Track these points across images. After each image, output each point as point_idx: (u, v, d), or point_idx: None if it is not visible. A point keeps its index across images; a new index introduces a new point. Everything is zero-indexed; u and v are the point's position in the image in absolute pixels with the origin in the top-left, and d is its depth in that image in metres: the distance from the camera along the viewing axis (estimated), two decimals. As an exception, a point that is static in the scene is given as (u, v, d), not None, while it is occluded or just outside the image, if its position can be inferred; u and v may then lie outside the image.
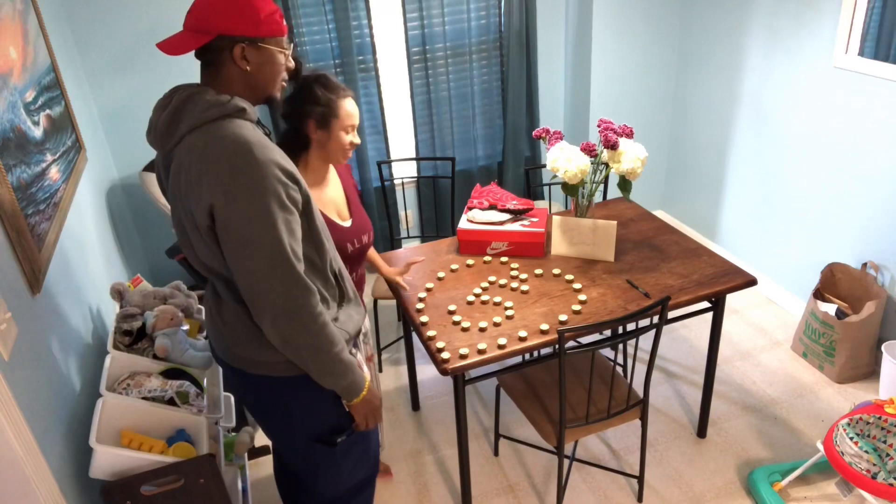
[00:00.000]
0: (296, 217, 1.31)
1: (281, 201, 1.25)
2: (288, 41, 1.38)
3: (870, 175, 2.67)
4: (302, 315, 1.32)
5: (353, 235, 1.90)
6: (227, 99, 1.30)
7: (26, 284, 1.61)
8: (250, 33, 1.29)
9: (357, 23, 3.34)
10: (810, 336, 2.83)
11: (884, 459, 1.93)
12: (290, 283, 1.29)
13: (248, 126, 1.29)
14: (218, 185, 1.21)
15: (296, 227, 1.31)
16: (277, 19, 1.33)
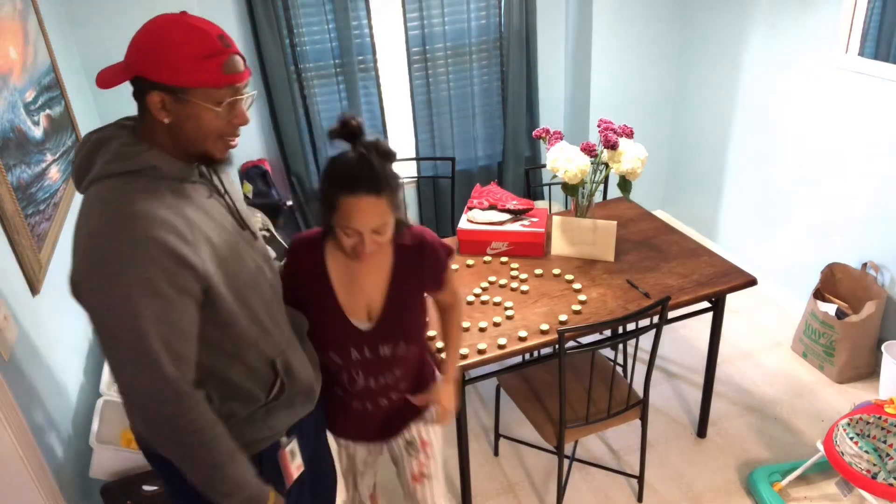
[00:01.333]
0: (181, 306, 1.06)
1: (154, 288, 1.02)
2: (234, 91, 1.11)
3: (870, 175, 2.67)
4: (170, 425, 1.09)
5: (367, 341, 1.47)
6: (139, 150, 1.10)
7: (26, 284, 1.61)
8: (168, 81, 1.06)
9: (357, 23, 3.34)
10: (810, 336, 2.83)
11: (884, 459, 1.93)
12: (157, 387, 1.06)
13: (158, 188, 1.09)
14: (82, 259, 1.04)
15: (179, 318, 1.06)
16: (212, 67, 1.06)
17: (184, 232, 1.07)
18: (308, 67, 3.38)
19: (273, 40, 3.19)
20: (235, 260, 1.18)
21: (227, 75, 1.09)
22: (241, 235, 1.23)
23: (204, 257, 1.10)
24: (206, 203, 1.17)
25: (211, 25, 1.10)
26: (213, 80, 1.07)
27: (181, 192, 1.12)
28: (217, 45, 1.08)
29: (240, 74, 1.11)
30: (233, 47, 1.10)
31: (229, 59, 1.09)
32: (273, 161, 3.58)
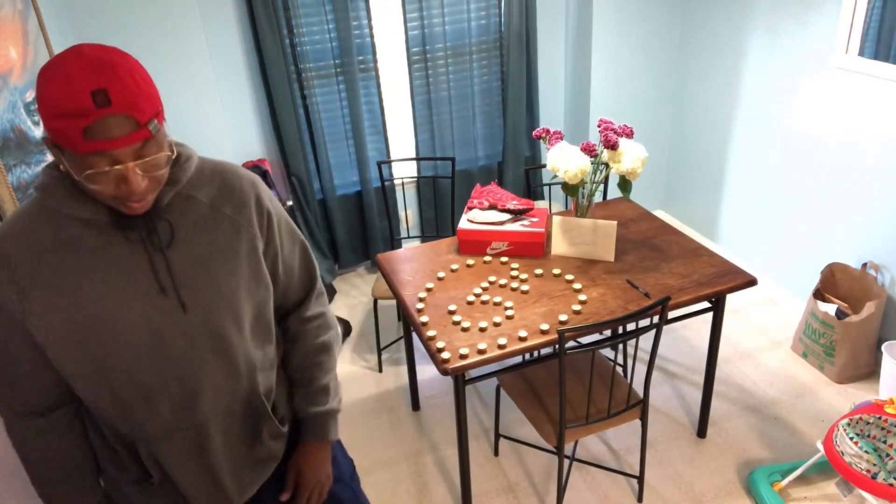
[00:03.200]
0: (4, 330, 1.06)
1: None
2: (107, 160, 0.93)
3: (870, 175, 2.67)
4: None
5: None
6: (47, 173, 1.04)
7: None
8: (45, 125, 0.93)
9: (357, 23, 3.34)
10: (810, 336, 2.83)
11: (884, 459, 1.93)
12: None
13: (37, 216, 1.04)
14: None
15: (7, 343, 1.07)
16: (70, 129, 0.89)
17: (14, 272, 1.01)
18: (308, 67, 3.38)
19: (273, 40, 3.19)
20: (104, 321, 1.04)
21: (90, 142, 0.90)
22: (145, 297, 1.06)
23: (33, 302, 1.02)
24: (109, 251, 1.04)
25: (96, 73, 0.90)
26: (70, 145, 0.90)
27: (67, 228, 1.03)
28: (82, 103, 0.88)
29: (110, 142, 0.90)
30: (114, 106, 0.89)
31: (96, 123, 0.89)
32: (273, 161, 3.58)
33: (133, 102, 0.92)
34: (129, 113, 0.92)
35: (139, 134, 0.94)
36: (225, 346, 1.14)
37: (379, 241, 3.81)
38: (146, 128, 0.94)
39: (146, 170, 0.97)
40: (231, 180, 1.18)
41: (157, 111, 0.97)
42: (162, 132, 0.99)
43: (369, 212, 3.73)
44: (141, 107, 0.93)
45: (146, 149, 0.95)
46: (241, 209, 1.17)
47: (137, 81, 0.94)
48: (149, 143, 0.95)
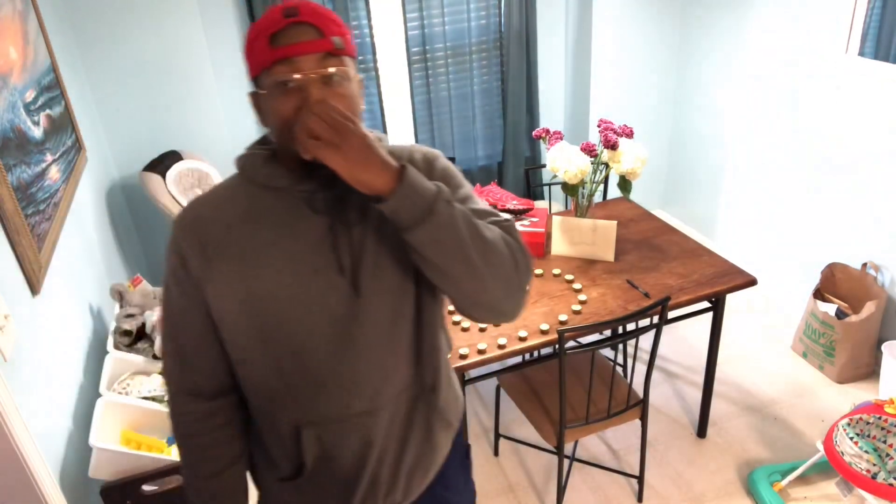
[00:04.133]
0: (182, 304, 1.06)
1: (166, 278, 1.07)
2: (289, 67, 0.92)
3: (870, 175, 2.67)
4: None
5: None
6: (249, 149, 1.07)
7: (26, 284, 1.61)
8: (250, 74, 0.99)
9: (357, 23, 3.34)
10: (810, 336, 2.83)
11: (884, 459, 1.93)
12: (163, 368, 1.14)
13: (236, 189, 1.05)
14: None
15: (179, 317, 1.07)
16: (261, 44, 0.93)
17: (205, 237, 1.01)
18: (308, 67, 3.38)
19: (273, 40, 3.20)
20: (280, 299, 1.00)
21: (275, 48, 0.92)
22: (323, 276, 1.01)
23: (214, 270, 1.01)
24: (295, 226, 1.01)
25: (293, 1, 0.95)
26: (261, 58, 0.93)
27: (259, 200, 1.02)
28: (274, 18, 0.93)
29: (292, 46, 0.91)
30: (301, 15, 0.92)
31: (282, 30, 0.92)
32: (273, 161, 3.57)
33: (319, 16, 0.94)
34: (314, 22, 0.93)
35: (321, 42, 0.92)
36: (397, 333, 1.07)
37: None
38: (329, 39, 0.93)
39: (327, 84, 0.93)
40: (401, 155, 1.08)
41: (345, 34, 0.96)
42: (350, 62, 0.97)
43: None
44: (326, 22, 0.94)
45: (328, 61, 0.93)
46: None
47: (329, 11, 0.97)
48: (331, 57, 0.93)
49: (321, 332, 1.02)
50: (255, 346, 1.04)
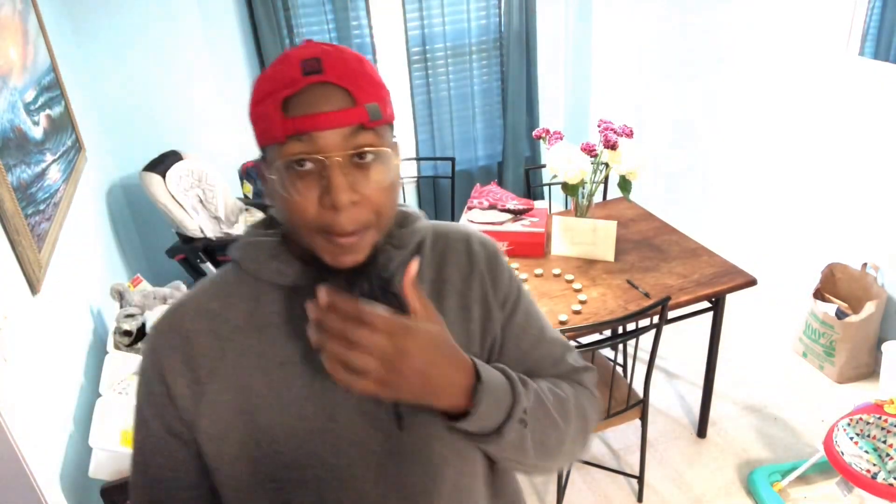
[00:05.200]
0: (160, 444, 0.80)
1: (146, 402, 0.80)
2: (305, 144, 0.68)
3: (870, 175, 2.67)
4: None
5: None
6: (250, 227, 0.86)
7: (26, 284, 1.61)
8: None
9: (357, 23, 3.34)
10: (810, 336, 2.83)
11: (884, 459, 1.93)
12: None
13: (231, 287, 0.81)
14: None
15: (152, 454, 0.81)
16: (269, 108, 0.69)
17: (193, 355, 0.77)
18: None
19: (273, 40, 3.19)
20: (298, 436, 0.76)
21: (288, 118, 0.68)
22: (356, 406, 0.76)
23: (206, 403, 0.77)
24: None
25: (314, 49, 0.70)
26: (271, 129, 0.69)
27: (266, 302, 0.79)
28: (290, 73, 0.69)
29: (311, 117, 0.67)
30: (325, 72, 0.68)
31: (300, 93, 0.68)
32: (273, 161, 3.57)
33: (350, 73, 0.69)
34: (343, 84, 0.68)
35: (352, 113, 0.68)
36: (447, 476, 0.80)
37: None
38: (362, 107, 0.68)
39: (358, 167, 0.70)
40: (455, 241, 0.87)
41: (383, 98, 0.71)
42: (387, 131, 0.73)
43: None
44: (359, 82, 0.69)
45: (360, 138, 0.69)
46: (470, 278, 0.86)
47: (362, 63, 0.72)
48: (364, 132, 0.69)
49: (351, 473, 0.77)
50: (258, 492, 0.78)
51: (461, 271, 0.86)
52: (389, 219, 0.76)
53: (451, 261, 0.87)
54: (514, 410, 0.75)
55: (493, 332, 0.86)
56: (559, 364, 0.91)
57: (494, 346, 0.87)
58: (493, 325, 0.86)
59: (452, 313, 0.84)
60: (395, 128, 0.78)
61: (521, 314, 0.89)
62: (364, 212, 0.71)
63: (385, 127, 0.72)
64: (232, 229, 3.00)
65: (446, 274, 0.86)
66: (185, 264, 2.88)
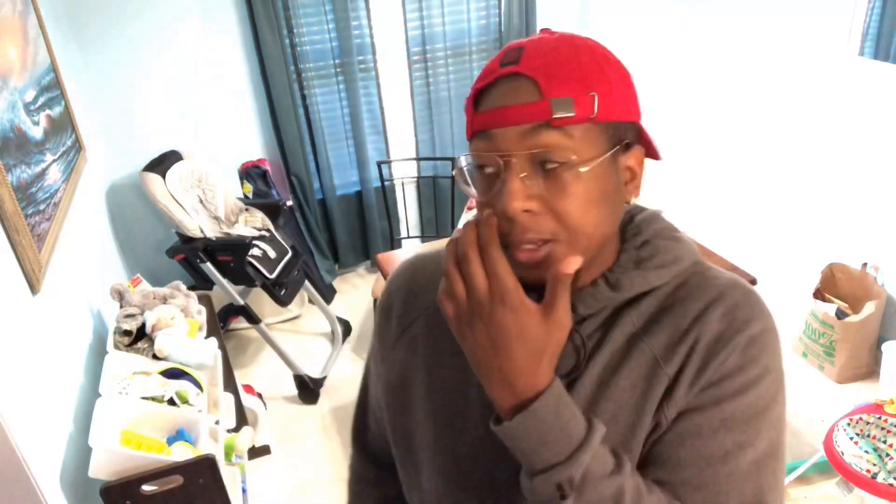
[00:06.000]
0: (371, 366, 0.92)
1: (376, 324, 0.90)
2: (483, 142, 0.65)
3: (870, 175, 2.67)
4: None
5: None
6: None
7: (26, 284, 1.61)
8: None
9: (357, 23, 3.34)
10: (810, 336, 2.83)
11: (884, 459, 1.93)
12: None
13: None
14: None
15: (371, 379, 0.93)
16: (468, 103, 0.69)
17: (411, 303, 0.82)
18: (308, 67, 3.38)
19: (273, 40, 3.20)
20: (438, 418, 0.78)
21: (477, 114, 0.65)
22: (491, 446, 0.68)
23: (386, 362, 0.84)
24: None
25: (539, 36, 0.67)
26: (468, 122, 0.67)
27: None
28: (493, 63, 0.67)
29: (492, 112, 0.63)
30: (521, 62, 0.63)
31: (491, 85, 0.65)
32: (273, 161, 3.58)
33: (547, 64, 0.62)
34: (532, 74, 0.62)
35: (534, 107, 0.61)
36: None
37: (379, 241, 3.81)
38: (547, 100, 0.60)
39: (544, 178, 0.62)
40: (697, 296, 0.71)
41: (585, 92, 0.62)
42: (590, 132, 0.63)
43: (369, 212, 3.73)
44: (555, 72, 0.62)
45: (542, 137, 0.61)
46: (679, 345, 0.69)
47: (577, 51, 0.64)
48: (548, 131, 0.61)
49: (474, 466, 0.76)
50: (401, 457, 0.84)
51: (672, 333, 0.69)
52: (594, 237, 0.65)
53: (671, 316, 0.70)
54: (553, 469, 0.61)
55: (663, 416, 0.68)
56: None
57: (657, 432, 0.69)
58: (669, 406, 0.68)
59: (632, 372, 0.70)
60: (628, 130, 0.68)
61: (716, 411, 0.68)
62: (546, 223, 0.63)
63: (587, 126, 0.62)
64: (232, 229, 3.00)
65: (653, 330, 0.70)
66: (184, 264, 2.88)
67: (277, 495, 2.42)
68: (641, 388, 0.69)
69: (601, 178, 0.64)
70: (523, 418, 0.62)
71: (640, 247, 0.73)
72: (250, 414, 2.60)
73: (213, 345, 2.05)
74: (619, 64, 0.68)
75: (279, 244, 3.05)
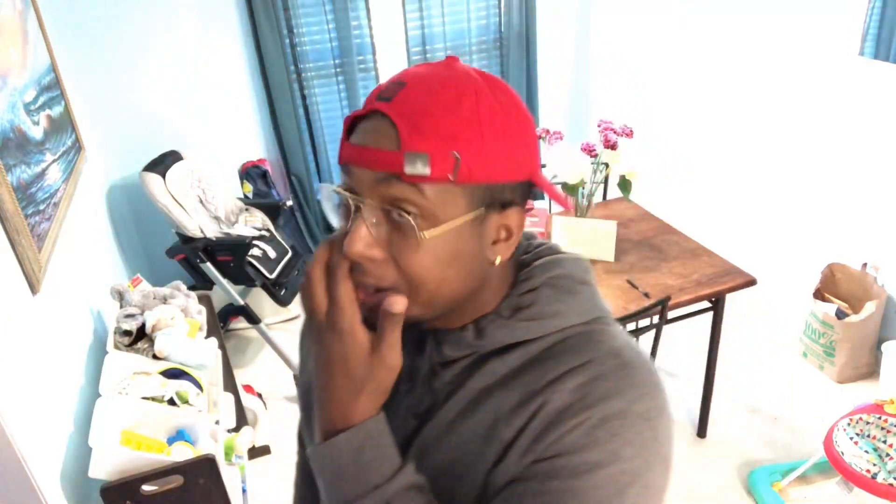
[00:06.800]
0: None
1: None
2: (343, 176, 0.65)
3: (870, 175, 2.67)
4: None
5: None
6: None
7: (26, 284, 1.61)
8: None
9: (357, 23, 3.34)
10: (810, 336, 2.83)
11: (884, 459, 1.93)
12: None
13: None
14: None
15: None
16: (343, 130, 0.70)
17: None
18: (308, 67, 3.38)
19: (273, 40, 3.20)
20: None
21: (347, 143, 0.64)
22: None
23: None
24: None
25: (428, 68, 0.63)
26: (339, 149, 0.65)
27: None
28: (374, 92, 0.65)
29: (353, 148, 0.62)
30: (390, 104, 0.60)
31: (362, 119, 0.63)
32: (273, 161, 3.58)
33: (416, 113, 0.58)
34: (398, 122, 0.58)
35: (389, 156, 0.58)
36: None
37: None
38: (401, 155, 0.57)
39: (393, 229, 0.60)
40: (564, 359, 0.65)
41: (451, 156, 0.57)
42: (447, 192, 0.59)
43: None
44: (422, 124, 0.58)
45: (392, 189, 0.59)
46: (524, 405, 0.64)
47: (461, 106, 0.59)
48: (399, 185, 0.58)
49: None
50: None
51: (523, 394, 0.65)
52: (438, 294, 0.62)
53: (530, 375, 0.65)
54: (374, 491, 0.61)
55: (492, 480, 0.65)
56: None
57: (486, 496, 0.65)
58: (499, 471, 0.65)
59: (475, 426, 0.67)
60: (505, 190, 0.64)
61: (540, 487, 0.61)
62: (387, 272, 0.61)
63: (444, 187, 0.58)
64: (232, 229, 3.00)
65: (509, 386, 0.66)
66: (184, 264, 2.87)
67: (277, 495, 2.42)
68: (478, 445, 0.66)
69: (453, 240, 0.60)
70: (325, 448, 0.62)
71: (522, 294, 0.68)
72: (250, 414, 2.60)
73: (213, 345, 2.05)
74: (512, 117, 0.62)
75: (279, 244, 3.05)
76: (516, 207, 0.66)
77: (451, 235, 0.60)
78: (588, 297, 0.70)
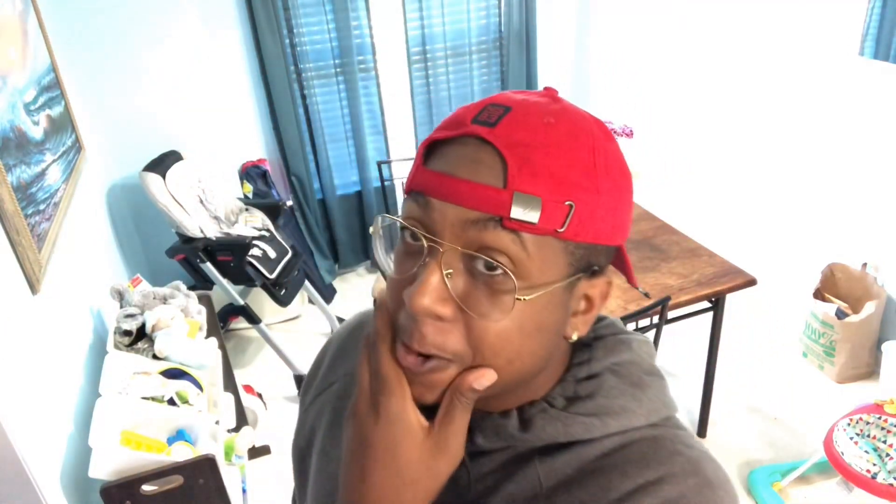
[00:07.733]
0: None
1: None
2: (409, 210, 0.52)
3: (869, 175, 2.67)
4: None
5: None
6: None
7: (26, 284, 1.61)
8: None
9: (357, 23, 3.34)
10: (810, 336, 2.83)
11: (884, 459, 1.93)
12: None
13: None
14: None
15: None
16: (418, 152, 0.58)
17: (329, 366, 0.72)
18: (308, 67, 3.38)
19: (273, 40, 3.20)
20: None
21: (423, 169, 0.52)
22: None
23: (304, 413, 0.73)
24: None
25: (532, 96, 0.54)
26: (411, 173, 0.54)
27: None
28: (464, 113, 0.51)
29: (439, 176, 0.49)
30: (493, 130, 0.49)
31: (450, 141, 0.50)
32: (273, 161, 3.58)
33: (529, 146, 0.48)
34: (506, 153, 0.47)
35: (489, 194, 0.47)
36: None
37: (379, 241, 3.80)
38: (508, 193, 0.47)
39: (475, 285, 0.49)
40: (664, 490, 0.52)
41: (565, 205, 0.48)
42: (552, 248, 0.48)
43: (369, 212, 3.73)
44: (535, 160, 0.47)
45: (486, 235, 0.47)
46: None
47: (578, 148, 0.50)
48: (497, 231, 0.47)
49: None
50: None
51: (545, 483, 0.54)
52: (507, 372, 0.50)
53: (589, 487, 0.53)
54: None
55: None
56: None
57: None
58: None
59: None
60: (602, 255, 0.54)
61: None
62: (452, 339, 0.49)
63: (548, 241, 0.48)
64: (232, 229, 3.00)
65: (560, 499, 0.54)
66: (185, 264, 2.87)
67: (277, 495, 2.42)
68: None
69: (543, 308, 0.49)
70: None
71: (580, 381, 0.56)
72: (250, 414, 2.60)
73: (213, 345, 2.05)
74: (623, 172, 0.52)
75: (279, 244, 3.05)
76: (605, 276, 0.56)
77: (543, 303, 0.49)
78: (658, 391, 0.59)
